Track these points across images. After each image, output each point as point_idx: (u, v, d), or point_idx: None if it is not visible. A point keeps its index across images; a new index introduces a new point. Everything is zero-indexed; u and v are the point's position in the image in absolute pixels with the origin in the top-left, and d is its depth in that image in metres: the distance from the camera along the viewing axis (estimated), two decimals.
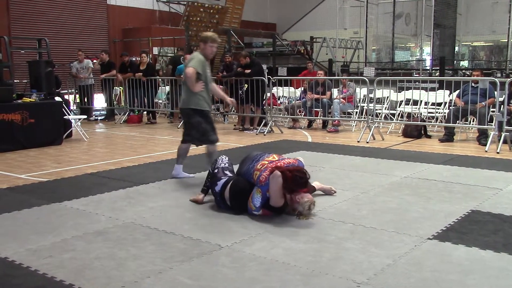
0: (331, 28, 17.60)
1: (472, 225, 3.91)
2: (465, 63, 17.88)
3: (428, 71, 15.15)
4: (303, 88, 11.51)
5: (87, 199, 4.80)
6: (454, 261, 3.21)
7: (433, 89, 9.99)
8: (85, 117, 11.17)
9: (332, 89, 10.58)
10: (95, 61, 13.31)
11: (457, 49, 17.25)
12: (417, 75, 14.49)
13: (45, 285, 2.93)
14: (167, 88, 12.30)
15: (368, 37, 17.27)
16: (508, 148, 7.58)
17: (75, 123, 9.27)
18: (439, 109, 9.91)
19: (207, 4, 17.84)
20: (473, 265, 3.15)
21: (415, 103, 10.16)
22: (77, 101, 13.03)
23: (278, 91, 12.31)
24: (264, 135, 9.62)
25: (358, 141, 8.55)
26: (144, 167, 6.41)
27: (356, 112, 10.71)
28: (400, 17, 16.80)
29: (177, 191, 5.11)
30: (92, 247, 3.51)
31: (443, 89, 9.76)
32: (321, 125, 10.87)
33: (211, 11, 17.67)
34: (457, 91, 9.11)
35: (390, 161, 6.67)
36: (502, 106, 7.99)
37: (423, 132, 9.14)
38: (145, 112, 12.38)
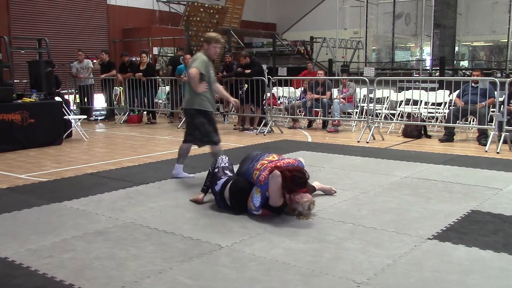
0: (331, 28, 17.60)
1: (472, 225, 3.91)
2: (465, 63, 17.87)
3: (428, 71, 15.14)
4: (303, 88, 11.51)
5: (87, 199, 4.80)
6: (454, 261, 3.21)
7: (433, 89, 9.99)
8: (85, 117, 11.17)
9: (332, 89, 10.58)
10: (95, 61, 13.31)
11: (457, 49, 17.24)
12: (417, 75, 14.49)
13: (45, 285, 2.93)
14: (167, 88, 12.31)
15: (368, 37, 17.27)
16: (508, 148, 7.58)
17: (75, 123, 9.27)
18: (439, 109, 9.91)
19: (207, 4, 17.85)
20: (473, 265, 3.15)
21: (415, 103, 10.16)
22: (77, 101, 13.03)
23: (278, 91, 12.32)
24: (264, 135, 9.62)
25: (358, 141, 8.55)
26: (144, 167, 6.41)
27: (356, 112, 10.71)
28: (400, 17, 16.80)
29: (177, 191, 5.11)
30: (92, 247, 3.51)
31: (443, 89, 9.76)
32: (321, 125, 10.87)
33: (211, 11, 17.67)
34: (457, 91, 9.11)
35: (390, 161, 6.67)
36: (502, 106, 7.99)
37: (423, 132, 9.14)
38: (145, 112, 12.38)
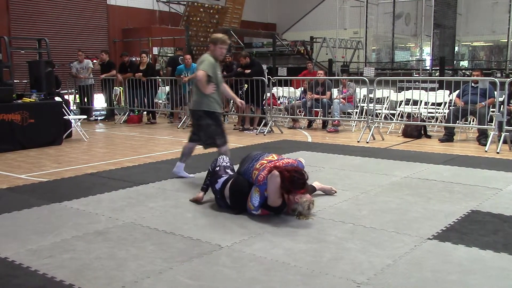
0: (331, 28, 17.59)
1: (472, 225, 3.91)
2: (465, 63, 17.87)
3: (428, 71, 15.14)
4: (303, 88, 11.51)
5: (87, 199, 4.80)
6: (454, 261, 3.21)
7: (433, 89, 10.00)
8: (85, 117, 11.17)
9: (332, 89, 10.58)
10: (95, 61, 13.31)
11: (457, 49, 17.24)
12: (417, 75, 14.48)
13: (45, 285, 2.93)
14: (167, 88, 12.31)
15: (368, 37, 17.27)
16: (508, 148, 7.58)
17: (75, 123, 9.27)
18: (439, 109, 9.91)
19: (207, 4, 17.85)
20: (473, 265, 3.15)
21: (415, 103, 10.16)
22: (77, 101, 13.03)
23: (278, 91, 12.32)
24: (264, 135, 9.62)
25: (358, 141, 8.55)
26: (144, 167, 6.41)
27: (356, 112, 10.71)
28: (400, 17, 16.79)
29: (177, 191, 5.11)
30: (92, 247, 3.51)
31: (443, 89, 9.76)
32: (321, 125, 10.87)
33: (211, 11, 17.69)
34: (457, 91, 9.11)
35: (390, 161, 6.67)
36: (502, 106, 7.99)
37: (423, 132, 9.14)
38: (145, 112, 12.39)
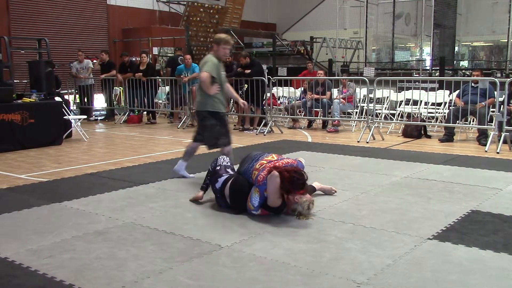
0: (331, 28, 17.60)
1: (472, 225, 3.91)
2: (465, 63, 17.87)
3: (428, 71, 15.15)
4: (303, 88, 11.51)
5: (87, 199, 4.80)
6: (454, 261, 3.21)
7: (433, 89, 10.00)
8: (85, 117, 11.17)
9: (332, 89, 10.58)
10: (95, 61, 13.31)
11: (457, 49, 17.24)
12: (417, 75, 14.49)
13: (45, 285, 2.93)
14: (167, 88, 12.31)
15: (368, 37, 17.27)
16: (508, 148, 7.58)
17: (75, 123, 9.27)
18: (439, 109, 9.91)
19: (207, 4, 17.85)
20: (473, 265, 3.15)
21: (415, 103, 10.16)
22: (77, 101, 13.03)
23: (278, 91, 12.32)
24: (264, 135, 9.62)
25: (358, 141, 8.55)
26: (144, 167, 6.41)
27: (356, 112, 10.71)
28: (400, 17, 16.79)
29: (177, 191, 5.11)
30: (92, 247, 3.51)
31: (443, 89, 9.76)
32: (321, 125, 10.87)
33: (211, 11, 17.68)
34: (457, 91, 9.11)
35: (390, 161, 6.67)
36: (502, 106, 7.99)
37: (423, 132, 9.14)
38: (145, 112, 12.39)
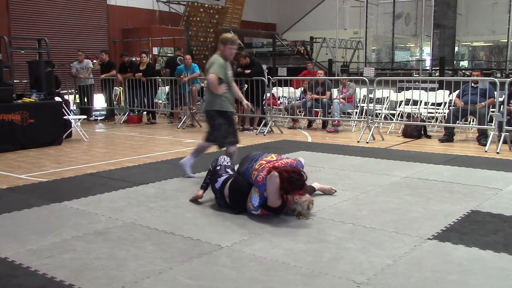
0: (331, 28, 17.60)
1: (472, 225, 3.91)
2: (465, 63, 17.87)
3: (428, 71, 15.14)
4: (303, 88, 11.51)
5: (87, 199, 4.80)
6: (454, 261, 3.21)
7: (433, 89, 10.00)
8: (85, 117, 11.17)
9: (332, 89, 10.58)
10: (95, 61, 13.32)
11: (457, 49, 17.24)
12: (417, 75, 14.48)
13: (45, 285, 2.93)
14: (167, 88, 12.31)
15: (368, 37, 17.26)
16: (508, 148, 7.59)
17: (75, 123, 9.27)
18: (439, 109, 9.91)
19: (207, 4, 17.86)
20: (473, 265, 3.15)
21: (415, 103, 10.16)
22: (77, 101, 13.04)
23: (278, 91, 12.32)
24: (264, 135, 9.62)
25: (358, 141, 8.55)
26: (144, 167, 6.41)
27: (356, 112, 10.71)
28: (400, 17, 16.79)
29: (177, 191, 5.11)
30: (92, 247, 3.51)
31: (443, 89, 9.76)
32: (321, 125, 10.87)
33: (211, 11, 17.69)
34: (457, 91, 9.11)
35: (390, 161, 6.67)
36: (502, 106, 7.99)
37: (423, 132, 9.14)
38: (145, 112, 12.39)
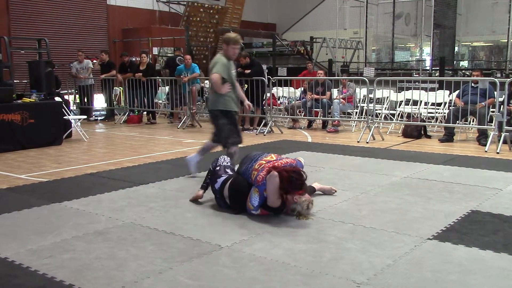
0: (331, 28, 17.60)
1: (472, 225, 3.91)
2: (465, 63, 17.87)
3: (428, 71, 15.14)
4: (303, 88, 11.51)
5: (87, 199, 4.80)
6: (454, 261, 3.21)
7: (433, 89, 10.00)
8: (85, 117, 11.17)
9: (332, 89, 10.58)
10: (95, 61, 13.31)
11: (457, 49, 17.24)
12: (417, 75, 14.48)
13: (45, 285, 2.93)
14: (167, 88, 12.31)
15: (368, 37, 17.26)
16: (508, 148, 7.59)
17: (75, 123, 9.27)
18: (439, 109, 9.91)
19: (207, 4, 17.86)
20: (473, 265, 3.15)
21: (415, 103, 10.16)
22: (77, 101, 13.03)
23: (278, 91, 12.32)
24: (264, 135, 9.62)
25: (358, 141, 8.55)
26: (144, 167, 6.41)
27: (356, 112, 10.71)
28: (400, 17, 16.79)
29: (177, 191, 5.11)
30: (92, 247, 3.51)
31: (443, 89, 9.76)
32: (321, 125, 10.87)
33: (211, 11, 17.70)
34: (457, 91, 9.11)
35: (390, 161, 6.67)
36: (502, 106, 7.99)
37: (423, 132, 9.14)
38: (145, 112, 12.39)
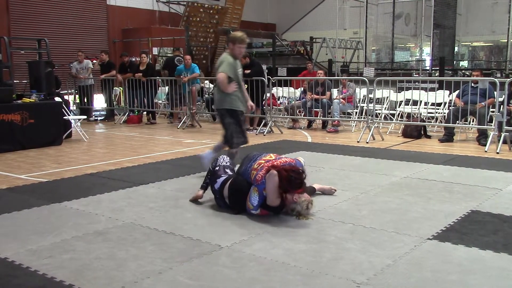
0: (330, 28, 17.60)
1: (472, 225, 3.91)
2: (464, 63, 17.87)
3: (428, 71, 15.14)
4: (302, 89, 11.51)
5: (87, 199, 4.80)
6: (454, 261, 3.21)
7: (432, 89, 10.00)
8: (85, 117, 11.16)
9: (332, 89, 10.58)
10: (95, 61, 13.31)
11: (456, 49, 17.24)
12: (417, 75, 14.48)
13: (45, 285, 2.93)
14: (167, 88, 12.31)
15: (368, 37, 17.26)
16: (508, 148, 7.59)
17: (75, 124, 9.27)
18: (438, 109, 9.92)
19: (207, 4, 17.86)
20: (473, 265, 3.15)
21: (415, 103, 10.16)
22: (77, 101, 13.03)
23: (278, 91, 12.32)
24: (264, 135, 9.62)
25: (358, 142, 8.55)
26: (144, 168, 6.41)
27: (356, 112, 10.71)
28: (400, 17, 16.79)
29: (177, 191, 5.11)
30: (92, 247, 3.51)
31: (442, 89, 9.76)
32: (321, 125, 10.87)
33: (211, 11, 17.70)
34: (457, 91, 9.11)
35: (390, 161, 6.67)
36: (501, 106, 8.00)
37: (422, 132, 9.14)
38: (144, 113, 12.38)
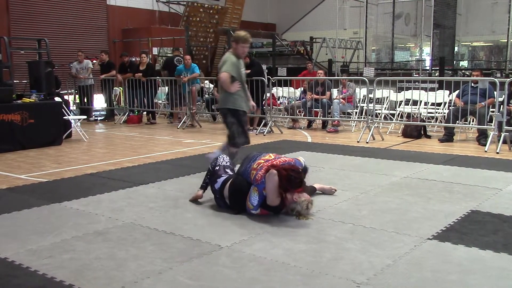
0: (330, 28, 17.60)
1: (472, 225, 3.91)
2: (464, 63, 17.87)
3: (428, 71, 15.14)
4: (302, 89, 11.51)
5: (87, 199, 4.80)
6: (454, 261, 3.21)
7: (432, 89, 10.00)
8: (85, 117, 11.16)
9: (331, 89, 10.58)
10: (95, 61, 13.31)
11: (456, 49, 17.24)
12: (417, 75, 14.48)
13: (45, 285, 2.93)
14: (167, 88, 12.31)
15: (368, 37, 17.26)
16: (508, 148, 7.59)
17: (74, 124, 9.27)
18: (438, 109, 9.92)
19: (207, 4, 17.86)
20: (473, 265, 3.15)
21: (415, 103, 10.16)
22: (77, 101, 13.03)
23: (278, 91, 12.32)
24: (264, 135, 9.62)
25: (358, 141, 8.55)
26: (144, 168, 6.41)
27: (356, 112, 10.71)
28: (400, 17, 16.79)
29: (177, 191, 5.11)
30: (92, 247, 3.51)
31: (442, 89, 9.77)
32: (321, 125, 10.87)
33: (211, 11, 17.70)
34: (457, 91, 9.11)
35: (390, 161, 6.67)
36: (501, 106, 8.00)
37: (422, 132, 9.15)
38: (144, 113, 12.38)
